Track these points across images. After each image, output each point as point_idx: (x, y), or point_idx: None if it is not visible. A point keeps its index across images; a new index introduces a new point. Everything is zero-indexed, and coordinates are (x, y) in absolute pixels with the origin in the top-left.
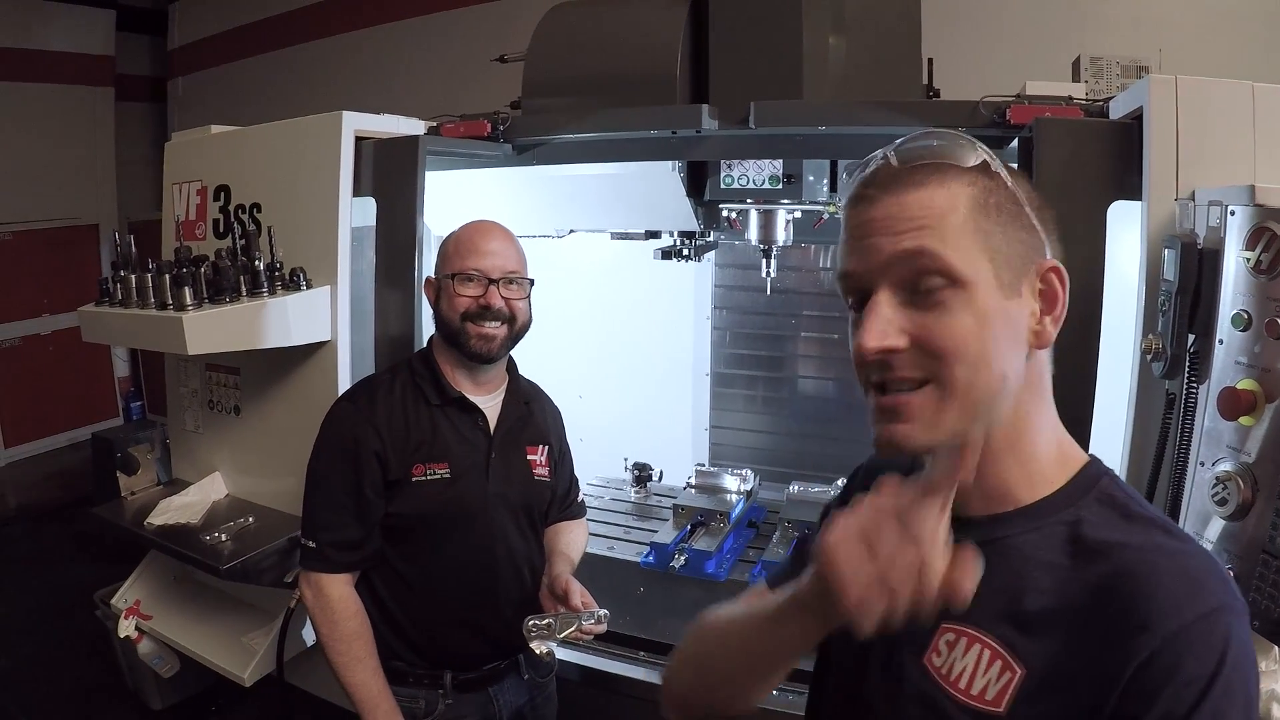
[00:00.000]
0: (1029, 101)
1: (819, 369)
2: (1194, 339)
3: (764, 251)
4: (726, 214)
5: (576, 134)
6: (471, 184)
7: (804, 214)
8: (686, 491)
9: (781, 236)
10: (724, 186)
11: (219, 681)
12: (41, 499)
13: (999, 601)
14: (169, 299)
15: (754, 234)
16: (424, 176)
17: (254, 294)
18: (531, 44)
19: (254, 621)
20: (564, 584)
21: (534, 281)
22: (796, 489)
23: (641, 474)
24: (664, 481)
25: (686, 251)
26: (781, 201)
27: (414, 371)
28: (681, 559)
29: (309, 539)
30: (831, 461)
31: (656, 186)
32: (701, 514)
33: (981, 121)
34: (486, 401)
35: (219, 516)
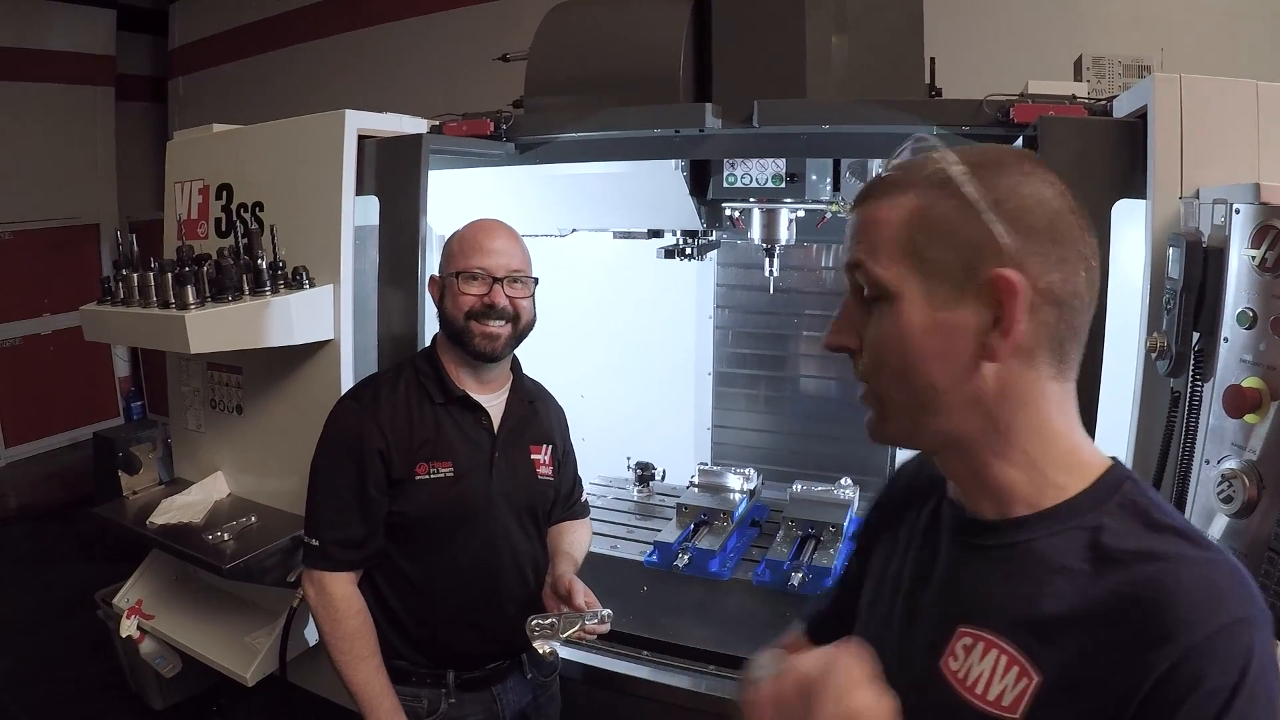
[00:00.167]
0: (1032, 100)
1: (822, 368)
2: (1199, 337)
3: (767, 250)
4: (729, 213)
5: (579, 133)
6: (474, 183)
7: (807, 213)
8: (689, 491)
9: (784, 235)
10: (727, 185)
11: (221, 681)
12: (42, 499)
13: (1017, 607)
14: (171, 298)
15: (757, 233)
16: (427, 175)
17: (256, 293)
18: (534, 43)
19: (256, 621)
20: (567, 584)
21: (539, 280)
22: (800, 488)
23: (644, 473)
24: (667, 481)
25: (689, 250)
26: (784, 200)
27: (418, 370)
28: (685, 558)
29: (312, 537)
30: (834, 460)
31: (659, 185)
32: (705, 513)
33: (985, 120)
34: (490, 400)
35: (221, 516)
